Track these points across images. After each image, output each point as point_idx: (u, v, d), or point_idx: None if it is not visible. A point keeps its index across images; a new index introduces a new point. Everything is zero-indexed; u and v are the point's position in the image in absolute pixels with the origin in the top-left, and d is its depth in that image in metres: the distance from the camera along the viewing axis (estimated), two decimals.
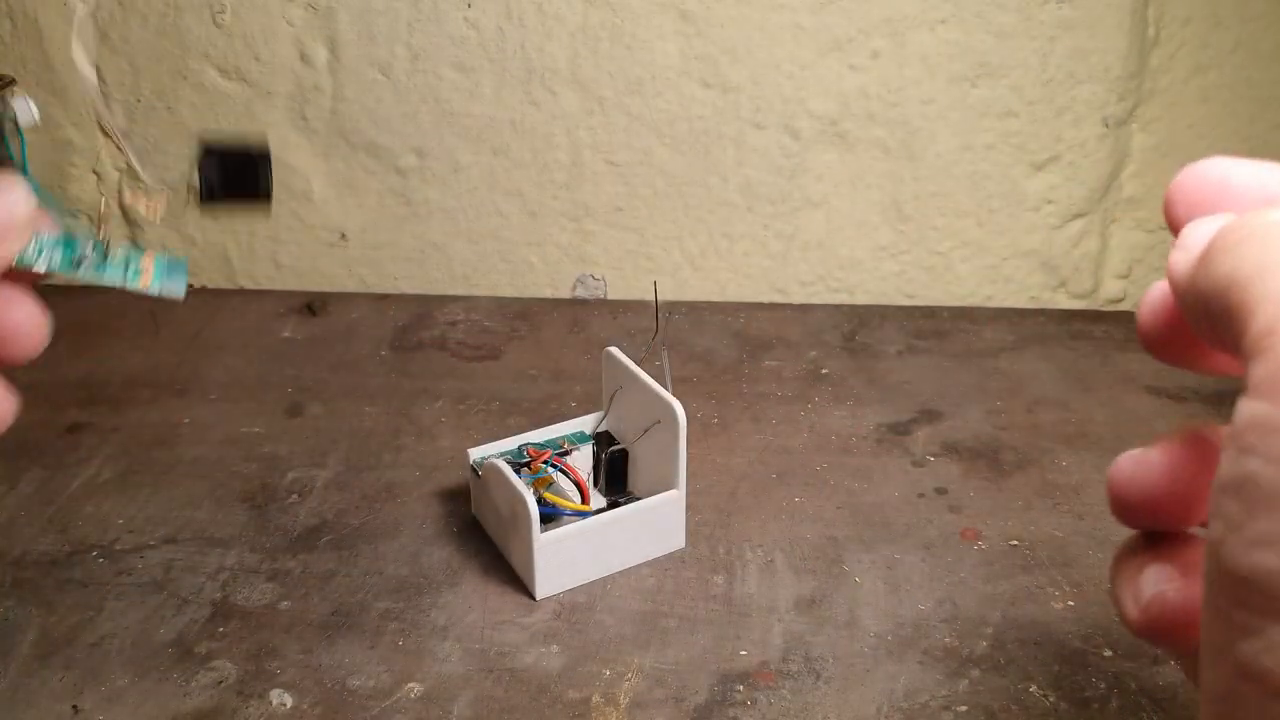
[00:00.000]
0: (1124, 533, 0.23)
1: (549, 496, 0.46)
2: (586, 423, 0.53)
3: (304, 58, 0.70)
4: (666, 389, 0.47)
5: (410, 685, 0.42)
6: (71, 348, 0.67)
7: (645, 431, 0.48)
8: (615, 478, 0.50)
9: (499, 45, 0.69)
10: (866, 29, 0.69)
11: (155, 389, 0.63)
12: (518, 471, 0.47)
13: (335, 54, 0.70)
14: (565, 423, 0.53)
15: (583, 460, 0.51)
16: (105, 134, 0.63)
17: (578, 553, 0.46)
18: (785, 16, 0.68)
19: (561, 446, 0.51)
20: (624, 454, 0.50)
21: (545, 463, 0.49)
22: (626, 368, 0.50)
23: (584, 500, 0.48)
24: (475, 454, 0.50)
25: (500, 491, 0.46)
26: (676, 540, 0.49)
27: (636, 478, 0.51)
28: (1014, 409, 0.62)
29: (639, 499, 0.48)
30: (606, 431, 0.52)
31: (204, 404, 0.61)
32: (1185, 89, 0.70)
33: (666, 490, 0.48)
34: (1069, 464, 0.57)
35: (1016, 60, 0.69)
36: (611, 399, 0.51)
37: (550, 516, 0.46)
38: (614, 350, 0.51)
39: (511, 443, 0.51)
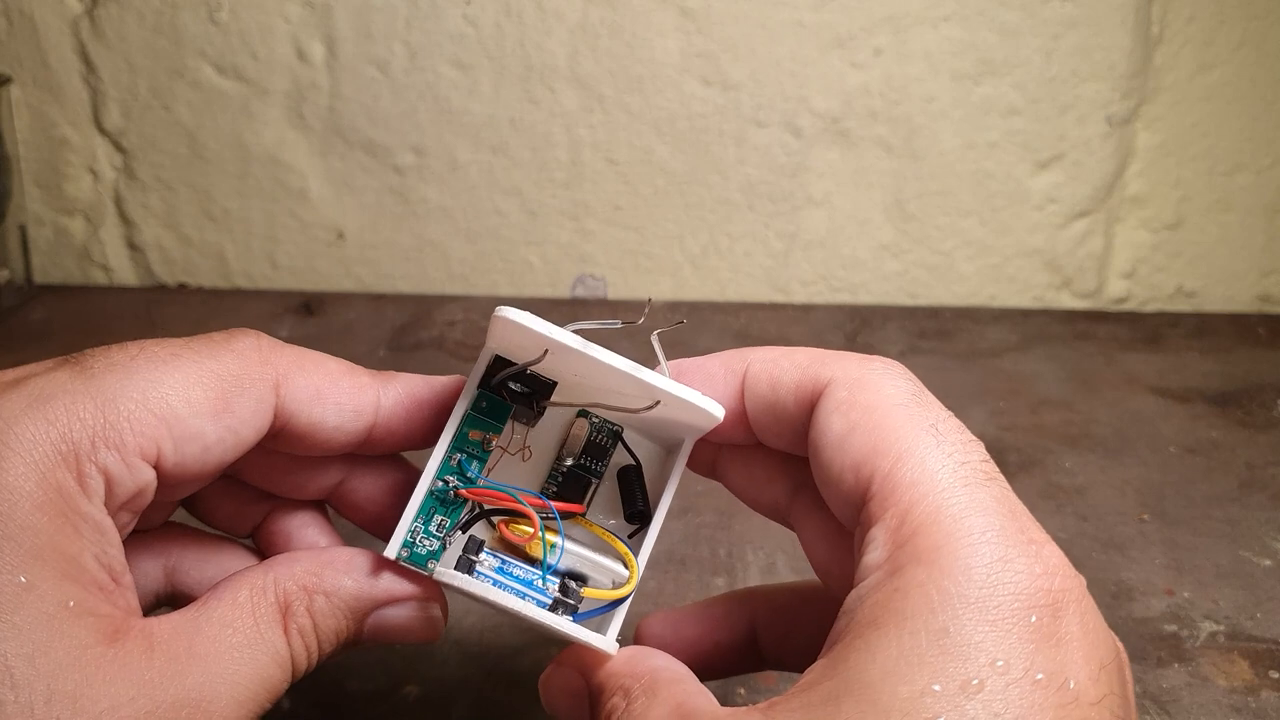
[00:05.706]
0: (1126, 535, 0.23)
1: (590, 592, 0.32)
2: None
3: (301, 55, 0.69)
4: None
5: (409, 688, 0.41)
6: (69, 347, 0.66)
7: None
8: (630, 496, 0.34)
9: (498, 42, 0.69)
10: (869, 26, 0.68)
11: None
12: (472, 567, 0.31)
13: (332, 51, 0.69)
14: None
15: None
16: None
17: None
18: (787, 13, 0.68)
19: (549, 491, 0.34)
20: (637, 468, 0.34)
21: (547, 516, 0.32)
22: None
23: (626, 579, 0.32)
24: (443, 574, 0.31)
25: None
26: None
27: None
28: (1017, 410, 0.62)
29: (650, 511, 0.34)
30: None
31: None
32: (1189, 87, 0.70)
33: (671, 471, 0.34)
34: (1073, 465, 0.56)
35: (1020, 58, 0.69)
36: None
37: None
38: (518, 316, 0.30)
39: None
